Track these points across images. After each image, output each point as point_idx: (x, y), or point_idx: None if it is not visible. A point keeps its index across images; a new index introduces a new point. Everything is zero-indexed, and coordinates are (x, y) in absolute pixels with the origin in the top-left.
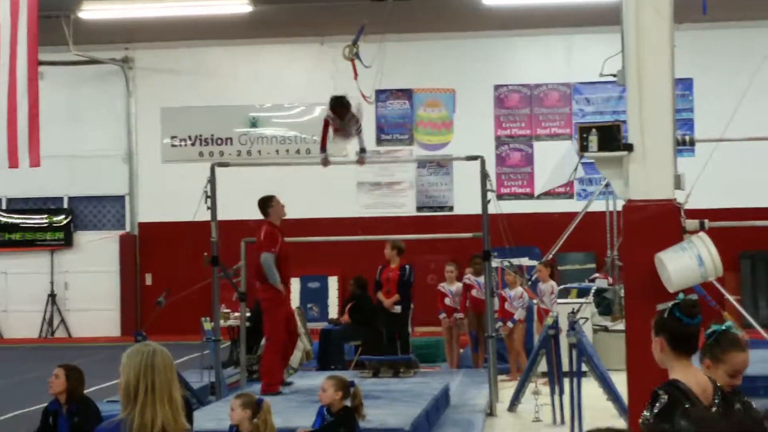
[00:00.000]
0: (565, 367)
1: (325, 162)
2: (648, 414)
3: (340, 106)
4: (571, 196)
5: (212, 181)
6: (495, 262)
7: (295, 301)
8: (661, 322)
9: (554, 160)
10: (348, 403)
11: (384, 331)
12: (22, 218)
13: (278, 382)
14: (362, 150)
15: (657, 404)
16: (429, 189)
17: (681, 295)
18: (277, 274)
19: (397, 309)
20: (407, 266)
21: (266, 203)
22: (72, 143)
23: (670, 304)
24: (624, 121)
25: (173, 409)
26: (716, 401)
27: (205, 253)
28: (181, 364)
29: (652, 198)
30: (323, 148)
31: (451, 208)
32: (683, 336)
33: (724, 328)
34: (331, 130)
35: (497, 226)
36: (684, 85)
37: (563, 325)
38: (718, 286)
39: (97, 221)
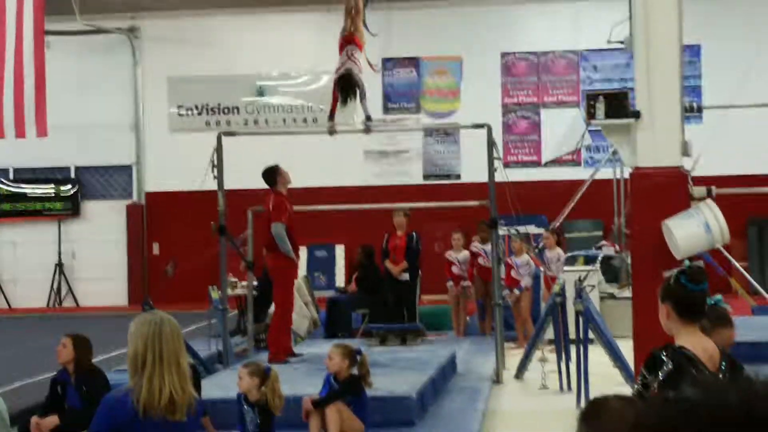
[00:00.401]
0: (572, 335)
1: (332, 130)
2: (647, 378)
3: (342, 87)
4: (578, 164)
5: (219, 150)
6: (502, 230)
7: (302, 269)
8: (667, 289)
9: (562, 127)
10: (355, 371)
11: (389, 299)
12: (29, 188)
13: (285, 351)
14: (368, 118)
15: (661, 371)
16: (436, 157)
17: (687, 262)
18: (288, 243)
19: (405, 277)
20: (414, 233)
21: (273, 173)
22: (79, 113)
23: (675, 271)
24: (632, 89)
25: (181, 378)
26: (723, 367)
27: (212, 223)
28: (188, 333)
29: (659, 165)
30: (332, 116)
31: (458, 176)
32: (689, 302)
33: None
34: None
35: (504, 194)
36: (692, 52)
37: (570, 292)
38: (726, 253)
39: (104, 191)
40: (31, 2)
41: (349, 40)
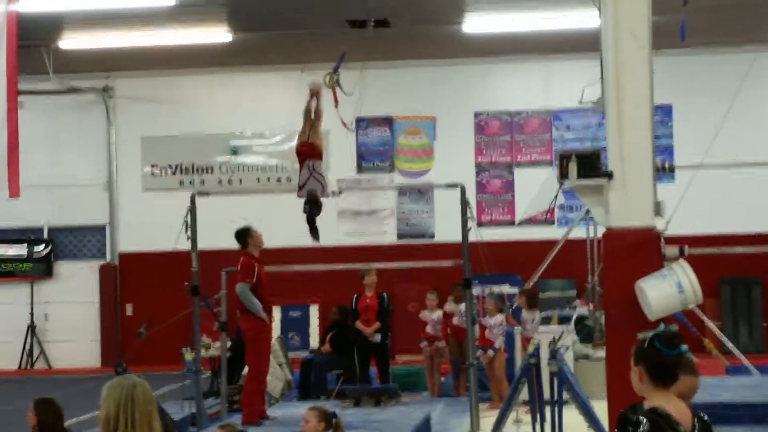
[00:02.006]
0: (547, 396)
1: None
2: None
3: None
4: (552, 223)
5: (192, 210)
6: (476, 290)
7: (276, 330)
8: (641, 352)
9: (535, 186)
10: None
11: (357, 360)
12: (1, 248)
13: (259, 413)
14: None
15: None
16: (410, 217)
17: (662, 325)
18: (257, 303)
19: (377, 338)
20: (384, 294)
21: (244, 235)
22: (52, 172)
23: (650, 333)
24: (604, 148)
25: None
26: (696, 429)
27: (186, 283)
28: (161, 394)
29: (632, 225)
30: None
31: (432, 236)
32: (662, 366)
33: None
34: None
35: (478, 253)
36: (663, 112)
37: (544, 353)
38: (699, 312)
39: (77, 251)
40: (4, 62)
41: (308, 151)
